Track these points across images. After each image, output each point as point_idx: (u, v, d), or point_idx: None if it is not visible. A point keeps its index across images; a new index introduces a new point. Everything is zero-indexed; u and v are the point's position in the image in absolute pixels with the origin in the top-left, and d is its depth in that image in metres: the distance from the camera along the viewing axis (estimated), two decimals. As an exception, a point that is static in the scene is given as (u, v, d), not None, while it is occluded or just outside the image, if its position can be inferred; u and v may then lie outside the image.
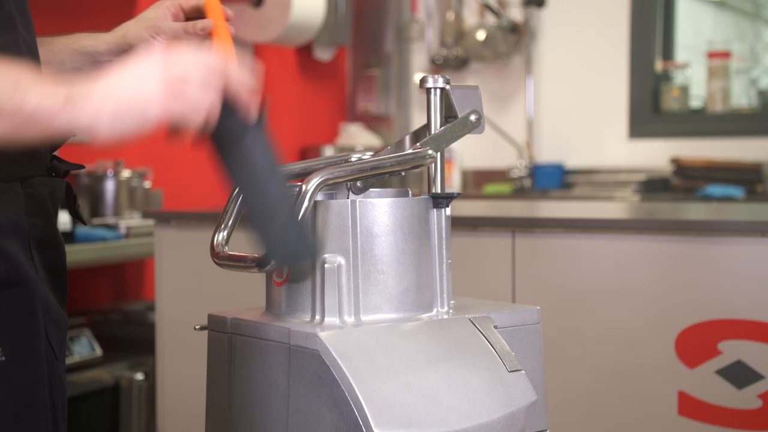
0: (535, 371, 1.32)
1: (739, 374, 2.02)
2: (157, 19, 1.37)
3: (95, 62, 1.39)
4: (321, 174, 1.21)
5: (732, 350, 2.04)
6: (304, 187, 1.19)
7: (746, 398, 2.02)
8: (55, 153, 1.28)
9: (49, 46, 1.37)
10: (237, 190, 1.22)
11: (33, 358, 1.18)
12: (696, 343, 2.07)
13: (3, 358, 1.14)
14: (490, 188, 4.91)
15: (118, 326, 3.47)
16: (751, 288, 2.05)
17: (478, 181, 5.11)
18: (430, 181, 1.34)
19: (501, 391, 1.18)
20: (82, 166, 1.33)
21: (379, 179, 1.31)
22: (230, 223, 1.32)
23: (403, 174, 1.37)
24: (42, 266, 1.21)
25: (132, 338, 3.39)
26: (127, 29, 1.39)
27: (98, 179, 3.45)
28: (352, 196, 1.30)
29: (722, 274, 2.07)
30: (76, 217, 1.32)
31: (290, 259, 1.17)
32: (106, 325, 3.44)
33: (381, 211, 1.26)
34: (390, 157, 1.28)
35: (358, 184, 1.30)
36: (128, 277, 3.90)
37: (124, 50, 1.38)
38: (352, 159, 1.40)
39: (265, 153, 1.09)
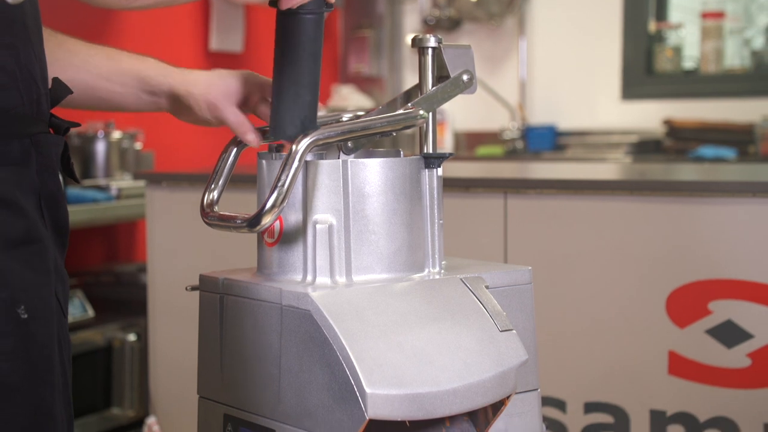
0: (527, 331, 1.32)
1: (728, 333, 2.04)
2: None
3: (147, 92, 1.41)
4: (312, 134, 1.20)
5: (722, 310, 2.05)
6: (294, 147, 1.19)
7: (735, 357, 2.04)
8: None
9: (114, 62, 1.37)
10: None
11: (48, 316, 1.19)
12: (686, 303, 2.08)
13: (25, 316, 1.15)
14: (483, 150, 4.90)
15: (110, 288, 3.47)
16: (742, 248, 2.05)
17: (470, 143, 5.10)
18: (422, 142, 1.33)
19: (492, 350, 1.19)
20: (79, 124, 1.33)
21: (370, 140, 1.30)
22: (220, 183, 1.31)
23: (395, 134, 1.36)
24: (50, 223, 1.22)
25: (124, 299, 3.39)
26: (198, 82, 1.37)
27: (89, 140, 3.44)
28: (343, 157, 1.29)
29: (713, 234, 2.07)
30: (70, 176, 1.32)
31: (290, 138, 1.24)
32: (97, 287, 3.44)
33: (372, 171, 1.25)
34: (381, 117, 1.27)
35: (350, 144, 1.29)
36: (120, 238, 3.90)
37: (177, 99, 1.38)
38: (344, 119, 1.39)
39: (319, 38, 1.23)
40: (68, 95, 1.27)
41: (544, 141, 4.81)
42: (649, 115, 4.67)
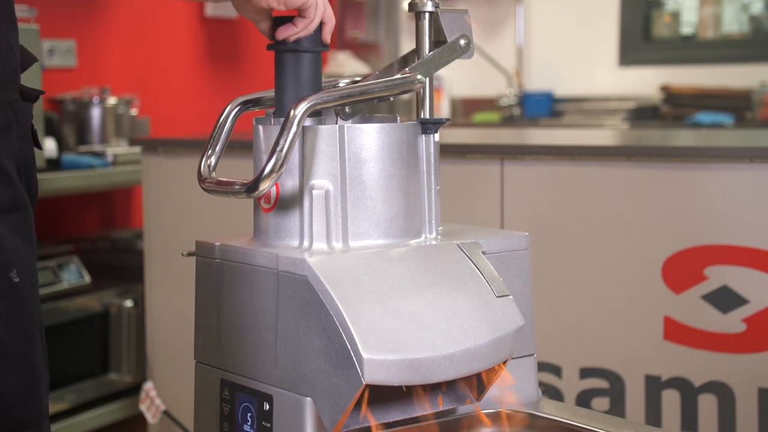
0: (523, 296, 1.32)
1: (724, 299, 2.04)
2: None
3: None
4: (309, 99, 1.19)
5: (718, 275, 2.05)
6: (292, 112, 1.18)
7: (731, 322, 2.04)
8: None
9: None
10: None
11: (33, 280, 1.22)
12: (682, 269, 2.08)
13: (17, 280, 1.17)
14: (479, 117, 4.89)
15: (107, 254, 3.47)
16: (739, 214, 2.06)
17: (467, 109, 5.09)
18: (419, 107, 1.33)
19: (489, 316, 1.19)
20: (44, 92, 1.34)
21: (367, 105, 1.30)
22: (218, 148, 1.31)
23: (392, 99, 1.36)
24: (26, 190, 1.23)
25: (120, 266, 3.39)
26: None
27: (84, 106, 3.42)
28: (340, 122, 1.29)
29: (710, 200, 2.07)
30: (36, 144, 1.33)
31: None
32: (94, 253, 3.44)
33: (369, 136, 1.25)
34: (379, 82, 1.26)
35: (347, 109, 1.29)
36: (116, 205, 3.89)
37: None
38: (341, 84, 1.39)
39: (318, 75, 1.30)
40: (34, 63, 1.29)
41: (541, 107, 4.80)
42: (647, 82, 4.65)
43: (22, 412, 1.18)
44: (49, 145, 3.16)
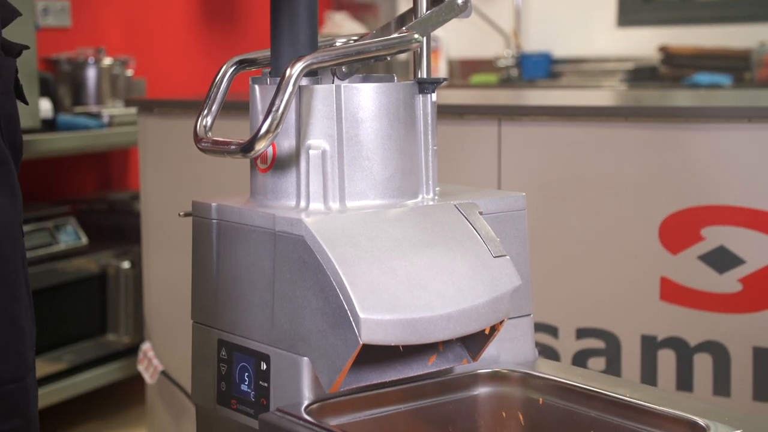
0: (520, 257, 1.32)
1: (720, 259, 2.05)
2: None
3: None
4: (306, 58, 1.19)
5: (715, 236, 2.05)
6: (288, 71, 1.17)
7: (727, 283, 2.05)
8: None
9: None
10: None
11: (16, 235, 1.22)
12: (679, 230, 2.09)
13: None
14: (477, 78, 4.87)
15: (104, 215, 3.47)
16: (737, 174, 2.05)
17: (464, 71, 5.06)
18: (416, 67, 1.32)
19: (486, 276, 1.19)
20: (28, 47, 1.33)
21: (364, 64, 1.29)
22: (214, 108, 1.30)
23: (389, 59, 1.35)
24: (8, 146, 1.23)
25: (118, 227, 3.39)
26: None
27: (79, 66, 3.40)
28: (337, 82, 1.28)
29: (708, 160, 2.07)
30: (20, 98, 1.32)
31: None
32: (91, 214, 3.44)
33: (366, 96, 1.24)
34: (375, 42, 1.25)
35: (344, 69, 1.28)
36: (113, 166, 3.89)
37: None
38: (337, 44, 1.38)
39: None
40: (17, 17, 1.27)
41: (539, 69, 4.78)
42: (645, 42, 4.63)
43: (4, 366, 1.18)
44: (44, 106, 3.15)
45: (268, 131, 1.16)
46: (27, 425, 1.22)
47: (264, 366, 1.22)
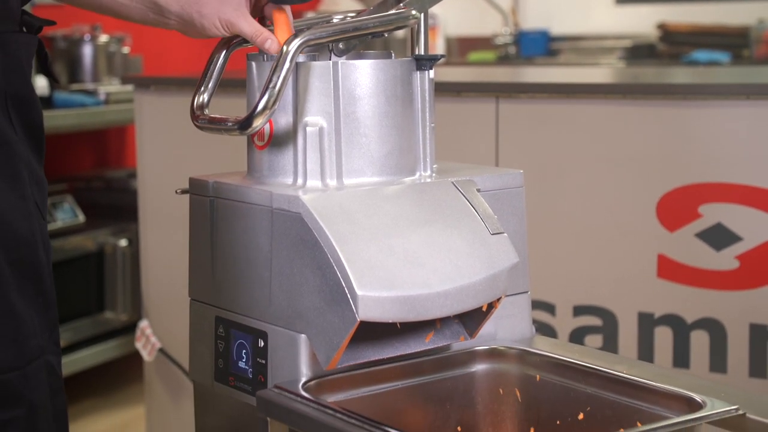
0: (517, 234, 1.32)
1: (718, 236, 2.05)
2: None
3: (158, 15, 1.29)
4: (302, 35, 1.18)
5: (712, 213, 2.06)
6: (285, 48, 1.17)
7: (724, 260, 2.05)
8: (25, 8, 1.25)
9: None
10: None
11: (17, 219, 1.18)
12: (677, 207, 2.09)
13: None
14: (475, 56, 4.85)
15: (101, 193, 3.47)
16: (735, 151, 2.05)
17: (462, 48, 5.05)
18: (414, 44, 1.31)
19: (483, 253, 1.19)
20: (54, 22, 1.29)
21: (362, 41, 1.28)
22: (210, 85, 1.30)
23: (386, 36, 1.34)
24: (20, 126, 1.20)
25: (115, 205, 3.39)
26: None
27: (75, 43, 3.39)
28: (334, 58, 1.27)
29: (706, 137, 2.07)
30: (49, 76, 1.29)
31: None
32: (88, 192, 3.44)
33: (363, 72, 1.24)
34: (372, 18, 1.25)
35: (340, 45, 1.27)
36: (109, 144, 3.88)
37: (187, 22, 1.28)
38: (335, 20, 1.37)
39: None
40: None
41: (537, 46, 4.76)
42: (643, 19, 4.61)
43: (1, 355, 1.15)
44: (41, 83, 3.14)
45: (265, 108, 1.16)
46: (31, 414, 1.19)
47: (261, 343, 1.22)
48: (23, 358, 1.18)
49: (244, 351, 1.25)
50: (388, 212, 1.18)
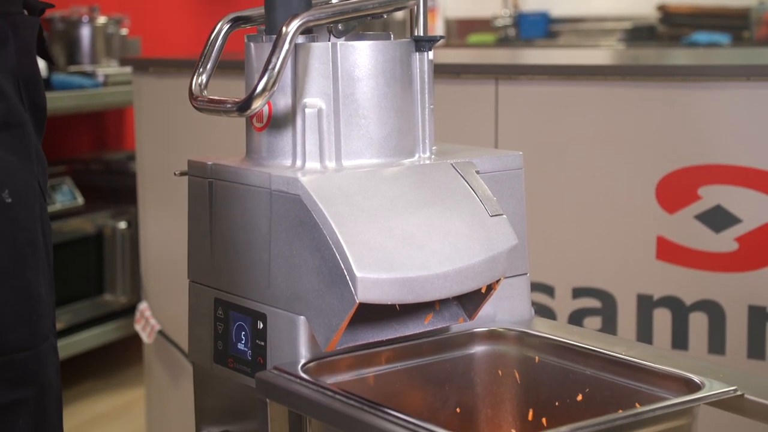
0: (517, 216, 1.32)
1: (717, 218, 2.05)
2: None
3: None
4: (301, 16, 1.18)
5: (712, 195, 2.05)
6: (284, 29, 1.16)
7: (723, 242, 2.05)
8: None
9: None
10: None
11: (30, 199, 1.19)
12: (676, 189, 2.08)
13: (9, 200, 1.15)
14: (474, 38, 4.84)
15: (100, 175, 3.47)
16: (734, 133, 2.05)
17: (461, 31, 5.03)
18: (413, 25, 1.31)
19: (482, 235, 1.19)
20: (53, 5, 1.29)
21: (361, 22, 1.28)
22: (209, 66, 1.29)
23: (385, 17, 1.34)
24: (28, 107, 1.20)
25: (114, 187, 3.39)
26: None
27: (73, 25, 3.38)
28: (333, 40, 1.27)
29: (706, 119, 2.06)
30: (45, 58, 1.29)
31: None
32: (87, 175, 3.44)
33: (362, 54, 1.23)
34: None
35: (340, 26, 1.27)
36: (108, 126, 3.87)
37: None
38: (334, 1, 1.36)
39: None
40: None
41: (537, 28, 4.75)
42: (643, 1, 4.60)
43: (16, 334, 1.16)
44: (39, 65, 3.12)
45: (264, 89, 1.15)
46: (42, 393, 1.20)
47: (261, 325, 1.22)
48: (37, 337, 1.19)
49: (243, 333, 1.25)
50: (387, 194, 1.18)
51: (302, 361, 1.16)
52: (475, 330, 1.28)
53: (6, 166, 1.15)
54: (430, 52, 1.29)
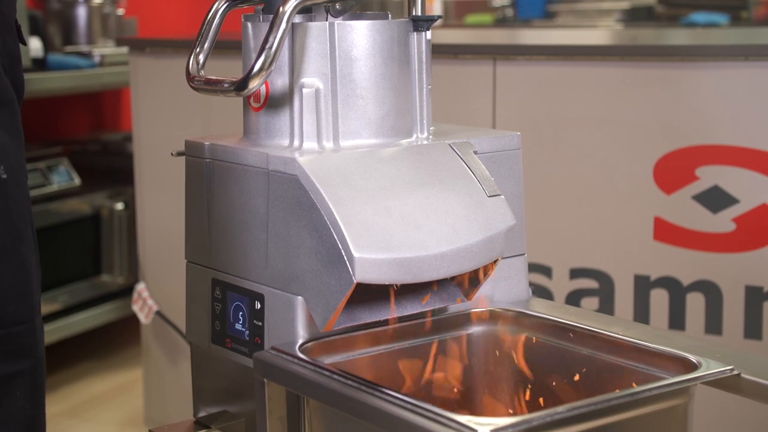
0: (515, 196, 1.32)
1: (715, 199, 2.05)
2: None
3: None
4: (298, -5, 1.17)
5: (709, 175, 2.05)
6: (281, 8, 1.16)
7: (721, 222, 2.05)
8: None
9: None
10: None
11: (22, 177, 1.21)
12: (674, 169, 2.08)
13: (4, 176, 1.17)
14: (472, 18, 4.82)
15: (97, 156, 3.46)
16: (732, 113, 2.05)
17: (459, 11, 5.02)
18: (410, 5, 1.30)
19: (480, 215, 1.19)
20: None
21: (358, 1, 1.27)
22: (206, 46, 1.29)
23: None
24: (11, 85, 1.21)
25: (111, 168, 3.38)
26: None
27: (69, 5, 3.36)
28: (330, 19, 1.26)
29: (704, 99, 2.06)
30: (20, 39, 1.30)
31: None
32: (84, 155, 3.43)
33: (360, 34, 1.23)
34: (369, -22, 1.23)
35: (337, 6, 1.26)
36: (105, 107, 3.86)
37: None
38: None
39: None
40: None
41: (534, 8, 4.73)
42: (642, -19, 4.58)
43: (14, 308, 1.19)
44: (35, 45, 3.11)
45: (261, 69, 1.15)
46: (36, 366, 1.23)
47: (258, 305, 1.22)
48: (31, 311, 1.21)
49: (240, 313, 1.25)
50: (384, 174, 1.18)
51: (300, 341, 1.17)
52: (473, 310, 1.28)
53: (1, 143, 1.16)
54: (427, 32, 1.29)
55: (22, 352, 1.21)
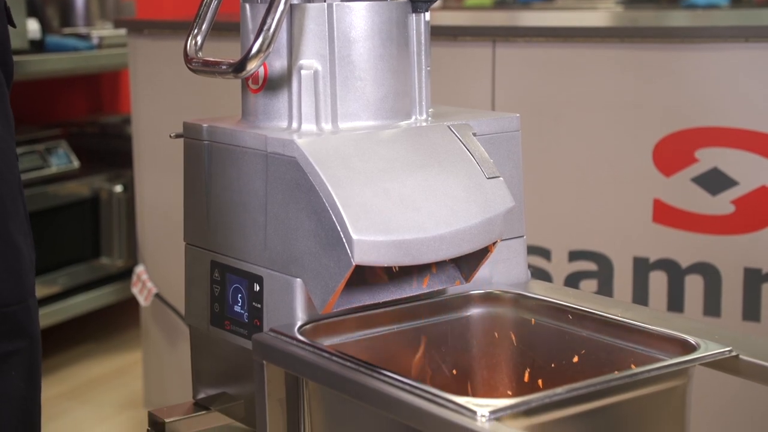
0: (514, 178, 1.32)
1: (714, 181, 2.05)
2: None
3: None
4: (296, -24, 1.16)
5: (709, 157, 2.05)
6: (279, -11, 1.15)
7: (720, 204, 2.05)
8: None
9: None
10: None
11: (11, 157, 1.22)
12: (673, 152, 2.08)
13: None
14: (471, 1, 4.81)
15: (95, 139, 3.45)
16: (732, 94, 2.04)
17: (458, -8, 5.00)
18: (409, -14, 1.30)
19: (479, 197, 1.19)
20: None
21: (356, -18, 1.27)
22: (204, 27, 1.28)
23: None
24: (1, 68, 1.22)
25: (110, 151, 3.38)
26: None
27: (66, -14, 3.35)
28: (329, 0, 1.26)
29: (704, 81, 2.05)
30: (9, 21, 1.30)
31: None
32: (82, 138, 3.42)
33: (358, 15, 1.22)
34: (367, -41, 1.23)
35: (335, -13, 1.26)
36: (103, 89, 3.85)
37: None
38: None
39: None
40: None
41: (534, -11, 4.72)
42: (641, -38, 4.57)
43: (5, 289, 1.19)
44: (32, 26, 3.10)
45: (259, 50, 1.15)
46: (32, 346, 1.24)
47: (257, 287, 1.22)
48: (25, 291, 1.22)
49: (239, 295, 1.25)
50: (383, 156, 1.18)
51: (299, 323, 1.17)
52: (472, 292, 1.28)
53: None
54: (426, 13, 1.29)
55: (17, 331, 1.22)
